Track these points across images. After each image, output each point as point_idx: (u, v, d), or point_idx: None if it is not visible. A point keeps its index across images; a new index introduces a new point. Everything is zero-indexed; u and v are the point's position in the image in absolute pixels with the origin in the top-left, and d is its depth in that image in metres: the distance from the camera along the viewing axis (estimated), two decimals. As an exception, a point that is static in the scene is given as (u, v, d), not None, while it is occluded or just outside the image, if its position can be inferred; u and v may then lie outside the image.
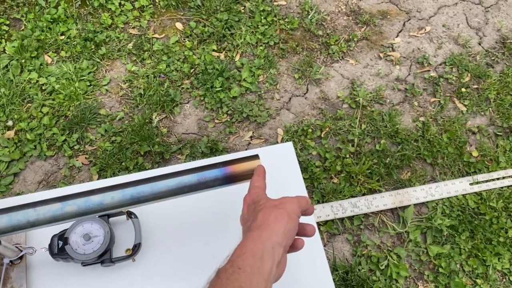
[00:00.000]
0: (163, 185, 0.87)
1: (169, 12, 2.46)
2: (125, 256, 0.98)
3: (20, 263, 0.99)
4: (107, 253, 0.97)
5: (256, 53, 2.32)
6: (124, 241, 1.01)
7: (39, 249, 0.97)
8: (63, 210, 0.83)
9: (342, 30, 2.47)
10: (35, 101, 2.10)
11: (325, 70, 2.32)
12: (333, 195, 1.95)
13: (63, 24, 2.33)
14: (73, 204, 0.84)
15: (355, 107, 2.20)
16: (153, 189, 0.86)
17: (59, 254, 0.96)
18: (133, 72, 2.24)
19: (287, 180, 1.16)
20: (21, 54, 2.22)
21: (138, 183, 0.86)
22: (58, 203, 0.83)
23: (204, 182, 0.88)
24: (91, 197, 0.84)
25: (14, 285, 0.96)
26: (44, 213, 0.83)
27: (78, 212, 0.84)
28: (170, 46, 2.32)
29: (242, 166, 0.90)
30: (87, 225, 0.97)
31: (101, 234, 0.97)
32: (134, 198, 0.86)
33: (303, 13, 2.50)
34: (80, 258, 0.94)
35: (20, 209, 0.83)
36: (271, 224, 0.70)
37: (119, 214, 1.02)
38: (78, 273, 0.98)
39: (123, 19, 2.39)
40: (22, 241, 1.00)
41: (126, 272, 1.00)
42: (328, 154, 2.04)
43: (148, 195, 0.86)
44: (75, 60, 2.24)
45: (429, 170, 2.06)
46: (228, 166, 0.89)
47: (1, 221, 0.82)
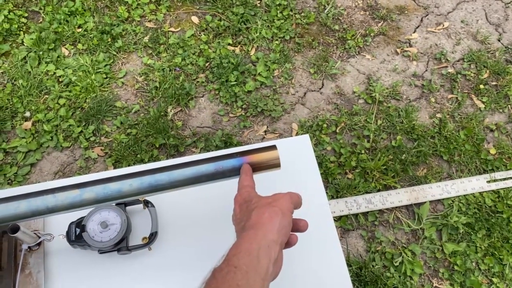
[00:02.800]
0: (180, 174, 0.87)
1: (185, 6, 2.46)
2: (142, 245, 0.98)
3: (38, 249, 1.00)
4: (124, 241, 0.98)
5: (271, 47, 2.31)
6: (141, 229, 1.02)
7: (57, 236, 0.98)
8: (82, 197, 0.84)
9: (358, 25, 2.45)
10: (52, 92, 2.12)
11: (341, 65, 2.30)
12: (347, 190, 1.94)
13: (80, 16, 2.35)
14: (91, 191, 0.84)
15: (371, 102, 2.18)
16: (170, 178, 0.86)
17: (76, 241, 0.96)
18: (149, 65, 2.25)
19: (303, 173, 1.15)
20: (39, 46, 2.24)
21: (156, 171, 0.86)
22: (76, 190, 0.84)
23: (221, 171, 0.88)
24: (109, 184, 0.85)
25: (32, 270, 0.98)
26: (63, 200, 0.83)
27: (96, 199, 0.84)
28: (185, 39, 2.32)
29: (260, 156, 0.90)
30: (104, 213, 0.98)
31: (118, 222, 0.97)
32: (152, 186, 0.86)
33: (319, 7, 2.48)
34: (97, 245, 0.95)
35: (39, 195, 0.84)
36: (265, 222, 0.70)
37: (136, 203, 1.03)
38: (94, 260, 0.99)
39: (139, 12, 2.40)
40: (40, 228, 1.01)
41: (142, 261, 1.00)
42: (343, 150, 2.02)
43: (165, 184, 0.86)
44: (91, 53, 2.26)
45: (445, 167, 2.03)
46: (246, 156, 0.89)
47: (21, 207, 0.83)
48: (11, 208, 0.82)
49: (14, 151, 2.01)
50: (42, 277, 0.97)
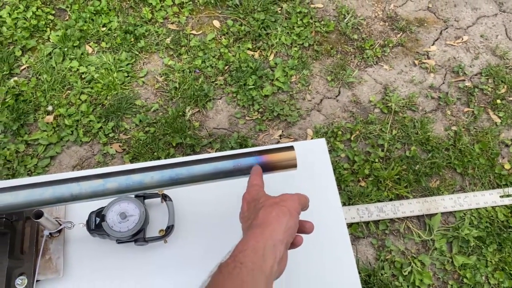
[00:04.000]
0: (200, 169, 0.89)
1: (207, 10, 2.50)
2: (158, 237, 1.01)
3: (58, 236, 1.03)
4: (141, 232, 1.00)
5: (290, 53, 2.34)
6: (158, 222, 1.04)
7: (77, 224, 1.01)
8: (105, 186, 0.86)
9: (377, 35, 2.46)
10: (75, 88, 2.17)
11: (359, 74, 2.32)
12: (359, 198, 1.94)
13: (105, 16, 2.40)
14: (114, 181, 0.87)
15: (387, 112, 2.19)
16: (190, 172, 0.89)
17: (96, 230, 0.99)
18: (170, 66, 2.29)
19: (318, 176, 1.17)
20: (64, 43, 2.30)
21: (177, 166, 0.89)
22: (100, 180, 0.87)
23: (239, 168, 0.90)
24: (131, 175, 0.88)
25: (52, 256, 1.01)
26: (86, 188, 0.86)
27: (119, 189, 0.87)
28: (206, 42, 2.36)
29: (277, 156, 0.92)
30: (124, 204, 1.01)
31: (137, 214, 1.00)
32: (172, 179, 0.88)
33: (339, 16, 2.50)
34: (116, 235, 0.98)
35: (64, 183, 0.87)
36: (272, 221, 0.70)
37: (154, 196, 1.05)
38: (112, 250, 1.02)
39: (162, 14, 2.45)
40: (61, 216, 1.04)
41: (158, 253, 1.03)
42: (357, 157, 2.03)
43: (185, 178, 0.89)
44: (114, 51, 2.31)
45: (458, 180, 2.03)
46: (264, 155, 0.91)
47: (46, 193, 0.86)
48: (37, 193, 0.86)
49: (35, 143, 2.06)
50: (61, 263, 1.00)
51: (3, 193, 0.85)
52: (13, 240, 0.97)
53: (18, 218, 0.99)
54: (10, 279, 0.95)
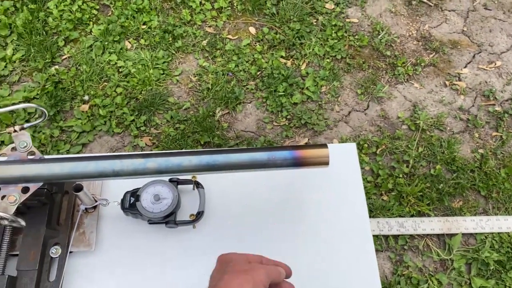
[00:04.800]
0: (236, 158, 0.92)
1: (244, 16, 2.56)
2: (188, 221, 1.04)
3: (93, 212, 1.07)
4: (172, 215, 1.04)
5: (322, 64, 2.37)
6: (188, 208, 1.07)
7: (112, 202, 1.05)
8: (145, 165, 0.90)
9: (410, 53, 2.47)
10: (112, 81, 2.24)
11: (389, 90, 2.33)
12: (381, 211, 1.94)
13: (146, 14, 2.48)
14: (154, 161, 0.91)
15: (415, 129, 2.19)
16: (226, 159, 0.92)
17: (129, 209, 1.03)
18: (204, 67, 2.34)
19: (346, 181, 1.18)
20: (105, 37, 2.38)
21: (214, 152, 0.92)
22: (141, 159, 0.91)
23: (273, 161, 0.93)
24: (171, 158, 0.91)
25: (86, 230, 1.05)
26: (128, 165, 0.90)
27: (158, 169, 0.90)
28: (241, 47, 2.41)
29: (311, 152, 0.94)
30: (158, 187, 1.04)
31: (170, 197, 1.03)
32: (209, 165, 0.91)
33: (373, 32, 2.52)
34: (148, 215, 1.01)
35: (107, 159, 0.91)
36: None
37: (187, 183, 1.09)
38: (143, 229, 1.05)
39: (201, 17, 2.51)
40: (97, 193, 1.09)
41: (186, 237, 1.06)
42: (381, 171, 2.04)
43: (221, 164, 0.92)
44: (152, 49, 2.38)
45: (482, 202, 2.01)
46: (298, 150, 0.93)
47: (89, 167, 0.90)
48: (80, 166, 0.90)
49: (69, 130, 2.12)
50: (94, 237, 1.04)
51: (51, 163, 0.90)
52: (51, 211, 1.02)
53: (57, 191, 1.04)
54: (45, 247, 0.99)
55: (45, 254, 0.99)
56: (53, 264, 0.99)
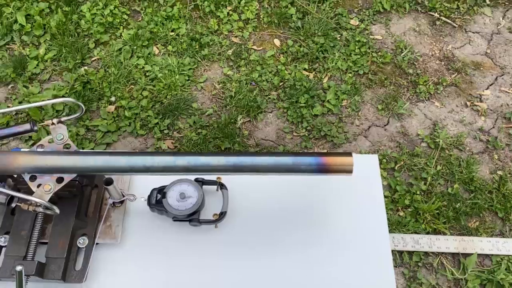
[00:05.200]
0: (262, 161, 0.94)
1: (270, 28, 2.60)
2: (211, 220, 1.06)
3: (120, 207, 1.10)
4: (196, 214, 1.06)
5: (344, 78, 2.39)
6: (211, 208, 1.10)
7: (139, 198, 1.09)
8: (175, 163, 0.93)
9: (432, 72, 2.48)
10: (138, 84, 2.30)
11: (409, 107, 2.34)
12: (396, 227, 1.94)
13: (175, 22, 2.54)
14: (184, 159, 0.93)
15: (434, 147, 2.19)
16: (253, 162, 0.94)
17: (156, 205, 1.06)
18: (228, 75, 2.38)
19: (367, 192, 1.20)
20: (134, 41, 2.44)
21: (242, 154, 0.95)
22: (171, 156, 0.94)
23: (297, 166, 0.95)
24: (200, 157, 0.94)
25: (112, 223, 1.08)
26: (158, 162, 0.93)
27: (186, 167, 0.93)
28: (265, 58, 2.45)
29: (335, 159, 0.96)
30: (184, 186, 1.07)
31: (195, 196, 1.06)
32: (235, 166, 0.94)
33: (396, 50, 2.54)
34: (173, 212, 1.04)
35: (139, 155, 0.94)
36: None
37: (212, 184, 1.12)
38: (167, 226, 1.08)
39: (228, 27, 2.56)
40: (125, 189, 1.12)
41: (208, 236, 1.08)
42: (399, 187, 2.04)
43: (247, 166, 0.94)
44: (179, 56, 2.43)
45: (499, 224, 2.00)
46: (323, 157, 0.96)
47: (122, 161, 0.93)
48: (113, 161, 0.93)
49: (95, 129, 2.18)
50: (119, 231, 1.07)
51: (86, 156, 0.94)
52: (81, 203, 1.05)
53: (88, 184, 1.07)
54: (73, 237, 1.02)
55: (72, 244, 1.02)
56: (79, 254, 1.03)
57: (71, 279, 0.99)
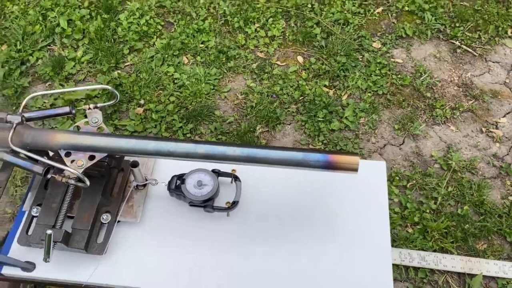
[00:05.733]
0: (275, 154, 1.02)
1: (294, 46, 2.71)
2: (224, 208, 1.14)
3: (142, 190, 1.19)
4: (211, 201, 1.15)
5: (363, 97, 2.46)
6: (225, 199, 1.18)
7: (160, 183, 1.18)
8: (195, 150, 1.02)
9: (450, 97, 2.53)
10: (166, 90, 2.42)
11: (425, 129, 2.39)
12: (404, 242, 1.98)
13: (205, 35, 2.67)
14: (203, 148, 1.02)
15: (446, 169, 2.23)
16: (266, 154, 1.02)
17: (175, 190, 1.15)
18: (251, 87, 2.49)
19: (371, 197, 1.26)
20: (165, 50, 2.57)
21: (257, 147, 1.03)
22: (192, 144, 1.03)
23: (306, 160, 1.02)
24: (218, 146, 1.02)
25: (134, 204, 1.17)
26: (181, 148, 1.02)
27: (205, 155, 1.02)
28: (288, 73, 2.54)
29: (342, 158, 1.03)
30: (202, 175, 1.16)
31: (211, 185, 1.14)
32: (249, 157, 1.02)
33: (416, 74, 2.61)
34: (190, 197, 1.13)
35: (166, 140, 1.04)
36: None
37: (227, 175, 1.20)
38: (184, 210, 1.17)
39: (254, 42, 2.68)
40: (149, 174, 1.21)
41: (220, 223, 1.16)
42: (409, 204, 2.08)
43: (261, 158, 1.02)
44: (206, 66, 2.55)
45: (507, 248, 2.01)
46: (331, 155, 1.03)
47: (150, 145, 1.03)
48: (142, 144, 1.03)
49: (123, 128, 2.30)
50: (140, 211, 1.16)
51: (117, 138, 1.03)
52: (107, 183, 1.15)
53: (115, 167, 1.17)
54: (98, 213, 1.12)
55: (97, 219, 1.12)
56: (102, 229, 1.12)
57: (93, 250, 1.08)
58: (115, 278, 1.07)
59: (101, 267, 1.08)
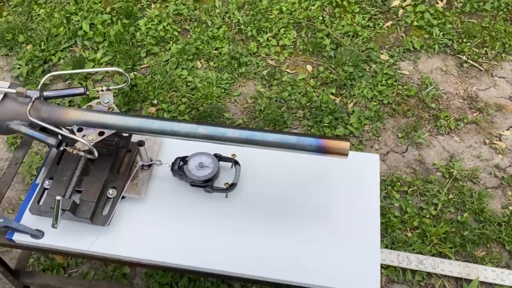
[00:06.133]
0: (271, 137, 1.08)
1: (304, 55, 2.78)
2: (223, 188, 1.20)
3: (147, 170, 1.26)
4: (211, 182, 1.21)
5: (368, 106, 2.52)
6: (224, 181, 1.24)
7: (164, 164, 1.24)
8: (197, 130, 1.08)
9: (454, 109, 2.57)
10: (179, 91, 2.51)
11: (429, 138, 2.42)
12: (402, 245, 2.00)
13: (219, 42, 2.77)
14: (205, 128, 1.09)
15: (448, 177, 2.25)
16: (263, 137, 1.08)
17: (177, 170, 1.21)
18: (260, 92, 2.56)
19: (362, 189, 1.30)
20: (180, 55, 2.68)
21: (255, 130, 1.09)
22: (195, 125, 1.09)
23: (300, 144, 1.08)
24: (219, 128, 1.09)
25: (138, 182, 1.24)
26: (184, 128, 1.09)
27: (206, 135, 1.09)
28: (296, 80, 2.62)
29: (333, 143, 1.08)
30: (204, 157, 1.22)
31: (211, 167, 1.21)
32: (248, 138, 1.08)
33: (421, 85, 2.65)
34: (192, 177, 1.19)
35: (170, 121, 1.11)
36: None
37: (227, 160, 1.26)
38: (185, 190, 1.23)
39: (266, 51, 2.77)
40: (154, 156, 1.28)
41: (219, 203, 1.22)
42: (409, 209, 2.11)
43: (258, 140, 1.08)
44: (218, 71, 2.64)
45: (505, 256, 2.01)
46: (323, 139, 1.08)
47: (155, 124, 1.10)
48: (148, 123, 1.10)
49: (136, 126, 2.39)
50: (144, 189, 1.22)
51: (126, 116, 1.11)
52: (115, 161, 1.22)
53: (123, 146, 1.25)
54: (104, 188, 1.19)
55: (103, 193, 1.19)
56: (107, 203, 1.19)
57: (97, 221, 1.15)
58: (116, 248, 1.13)
59: (103, 238, 1.14)
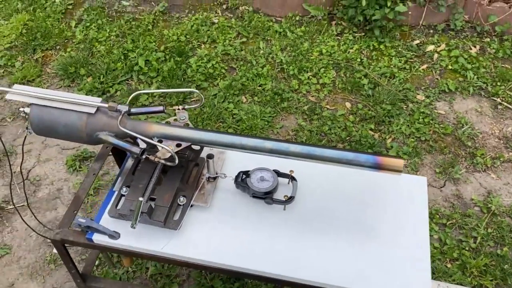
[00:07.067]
0: (329, 152, 1.18)
1: (343, 93, 2.91)
2: (282, 201, 1.29)
3: (213, 182, 1.37)
4: (270, 194, 1.30)
5: (406, 142, 2.59)
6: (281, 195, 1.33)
7: (228, 177, 1.35)
8: (263, 144, 1.19)
9: (490, 148, 2.61)
10: (226, 122, 2.65)
11: (465, 175, 2.46)
12: (442, 275, 2.01)
13: (263, 79, 2.93)
14: (270, 143, 1.20)
15: (486, 212, 2.27)
16: (322, 152, 1.18)
17: (240, 183, 1.32)
18: (301, 126, 2.68)
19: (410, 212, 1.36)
20: (227, 90, 2.84)
21: (315, 146, 1.20)
22: (260, 140, 1.21)
23: (357, 160, 1.17)
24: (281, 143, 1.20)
25: (205, 192, 1.34)
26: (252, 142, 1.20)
27: (271, 149, 1.19)
28: (336, 116, 2.73)
29: (389, 160, 1.17)
30: (264, 172, 1.33)
31: (271, 181, 1.31)
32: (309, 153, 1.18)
33: (457, 124, 2.72)
34: (254, 189, 1.29)
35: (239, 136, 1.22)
36: None
37: (285, 176, 1.36)
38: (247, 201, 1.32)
39: (307, 88, 2.91)
40: (218, 169, 1.40)
41: (277, 215, 1.30)
42: (449, 241, 2.12)
43: (317, 155, 1.18)
44: (262, 105, 2.78)
45: (548, 292, 1.99)
46: (379, 156, 1.18)
47: (226, 138, 1.22)
48: (219, 137, 1.22)
49: (185, 154, 2.52)
50: (210, 199, 1.33)
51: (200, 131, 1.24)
52: (185, 173, 1.34)
53: (192, 160, 1.37)
54: (176, 196, 1.30)
55: (175, 200, 1.30)
56: (178, 209, 1.29)
57: (169, 225, 1.25)
58: (185, 251, 1.23)
59: (174, 241, 1.24)
